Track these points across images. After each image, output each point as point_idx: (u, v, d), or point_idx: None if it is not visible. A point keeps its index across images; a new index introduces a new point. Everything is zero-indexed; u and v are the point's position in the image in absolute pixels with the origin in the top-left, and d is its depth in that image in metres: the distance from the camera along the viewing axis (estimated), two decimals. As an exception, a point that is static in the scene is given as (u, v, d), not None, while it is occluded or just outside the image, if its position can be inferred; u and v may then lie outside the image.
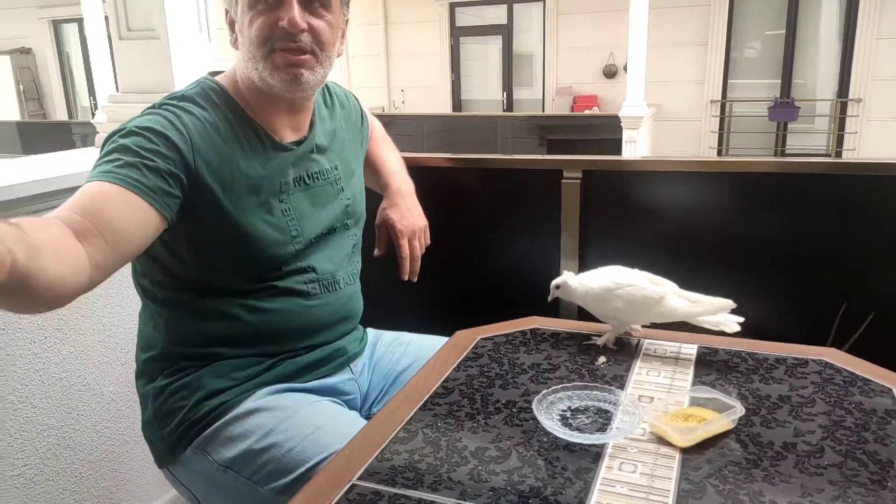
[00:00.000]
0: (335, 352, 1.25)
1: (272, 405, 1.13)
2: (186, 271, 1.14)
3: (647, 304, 1.14)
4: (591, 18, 9.88)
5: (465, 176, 1.88)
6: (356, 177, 1.35)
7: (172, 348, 1.17)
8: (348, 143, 1.34)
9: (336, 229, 1.26)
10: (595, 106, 10.01)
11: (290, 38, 1.09)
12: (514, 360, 1.13)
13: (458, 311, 1.78)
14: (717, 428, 0.90)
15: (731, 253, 1.66)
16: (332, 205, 1.25)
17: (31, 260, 0.77)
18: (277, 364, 1.19)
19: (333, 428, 1.10)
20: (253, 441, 1.09)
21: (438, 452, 0.88)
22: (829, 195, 1.61)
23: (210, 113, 1.12)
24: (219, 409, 1.13)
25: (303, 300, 1.20)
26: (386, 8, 11.09)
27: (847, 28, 8.86)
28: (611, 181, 1.72)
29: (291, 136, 1.21)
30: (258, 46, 1.10)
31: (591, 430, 0.92)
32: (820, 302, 1.63)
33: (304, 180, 1.21)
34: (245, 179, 1.12)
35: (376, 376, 1.33)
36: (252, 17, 1.10)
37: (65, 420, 1.58)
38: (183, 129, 1.07)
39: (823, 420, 0.93)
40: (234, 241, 1.12)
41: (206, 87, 1.16)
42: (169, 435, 1.15)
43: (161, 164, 1.03)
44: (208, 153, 1.09)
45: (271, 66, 1.11)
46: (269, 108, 1.18)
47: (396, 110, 11.13)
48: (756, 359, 1.11)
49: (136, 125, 1.06)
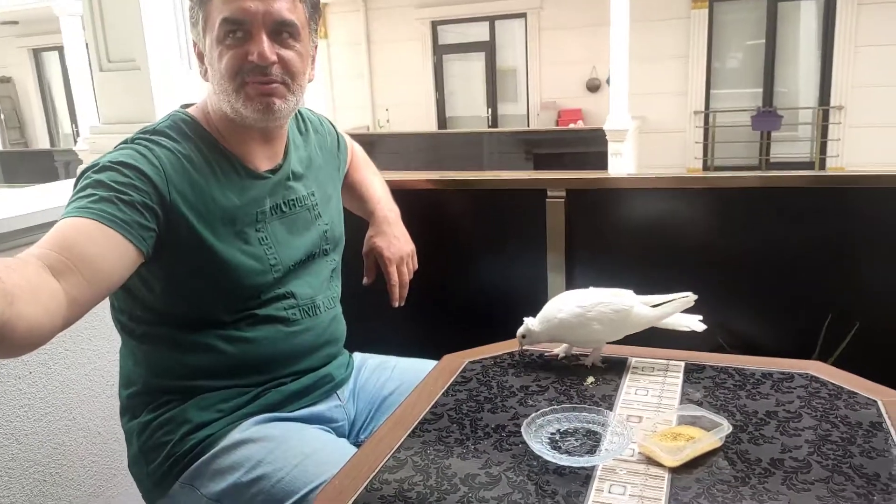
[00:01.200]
0: (321, 379, 1.25)
1: (259, 435, 1.12)
2: (164, 305, 1.13)
3: (620, 318, 1.14)
4: (573, 33, 9.97)
5: (450, 197, 1.89)
6: (333, 201, 1.35)
7: (154, 382, 1.16)
8: (324, 169, 1.34)
9: (315, 255, 1.26)
10: (580, 119, 10.09)
11: (261, 70, 1.10)
12: (503, 382, 1.13)
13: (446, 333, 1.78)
14: (705, 446, 0.90)
15: (716, 267, 1.67)
16: (309, 231, 1.25)
17: (9, 308, 0.77)
18: (263, 394, 1.18)
19: (322, 457, 1.09)
20: (241, 473, 1.08)
21: (428, 480, 0.88)
22: (812, 208, 1.63)
23: (183, 145, 1.12)
24: (205, 442, 1.12)
25: (284, 327, 1.19)
26: (368, 27, 11.16)
27: (826, 36, 8.99)
28: (595, 199, 1.73)
29: (266, 165, 1.21)
30: (229, 79, 1.11)
31: (580, 452, 0.92)
32: (805, 314, 1.64)
33: (281, 208, 1.21)
34: (220, 210, 1.12)
35: (362, 401, 1.32)
36: (221, 50, 1.10)
37: (51, 455, 1.56)
38: (157, 162, 1.07)
39: (810, 435, 0.94)
40: (212, 272, 1.11)
41: (177, 120, 1.16)
42: (155, 470, 1.14)
43: (136, 197, 1.02)
44: (183, 185, 1.09)
45: (244, 97, 1.11)
46: (243, 138, 1.18)
47: (381, 129, 11.17)
48: (743, 374, 1.12)
49: (109, 160, 1.05)
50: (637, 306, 1.15)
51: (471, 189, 1.89)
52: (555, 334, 1.17)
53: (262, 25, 1.09)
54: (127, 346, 1.20)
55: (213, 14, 1.10)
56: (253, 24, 1.08)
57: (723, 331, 1.54)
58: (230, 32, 1.09)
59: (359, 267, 1.41)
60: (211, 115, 1.18)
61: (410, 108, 11.10)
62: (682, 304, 1.15)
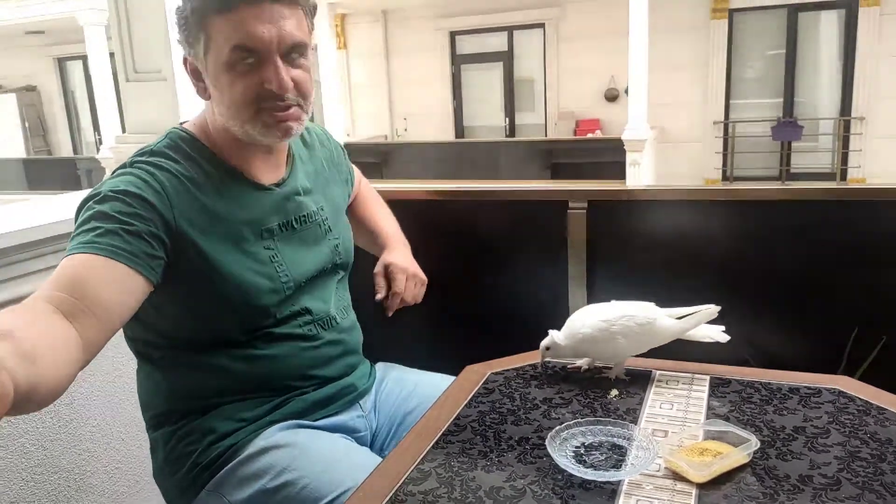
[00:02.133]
0: (343, 388, 1.25)
1: (283, 442, 1.13)
2: (178, 329, 1.13)
3: (644, 332, 1.13)
4: (591, 43, 9.96)
5: (471, 207, 1.89)
6: (342, 216, 1.34)
7: (174, 402, 1.17)
8: (332, 183, 1.33)
9: (325, 271, 1.24)
10: (598, 129, 10.06)
11: (278, 97, 1.07)
12: (526, 394, 1.13)
13: (466, 344, 1.78)
14: (732, 462, 0.89)
15: (739, 280, 1.66)
16: (320, 247, 1.23)
17: (31, 372, 0.75)
18: (285, 402, 1.18)
19: (346, 464, 1.09)
20: (267, 480, 1.08)
21: (452, 493, 0.88)
22: (837, 221, 1.62)
23: (183, 164, 1.10)
24: (230, 451, 1.13)
25: (302, 342, 1.18)
26: (387, 38, 11.22)
27: (847, 46, 8.90)
28: (617, 210, 1.73)
29: (270, 177, 1.19)
30: (243, 108, 1.07)
31: (605, 466, 0.91)
32: (830, 328, 1.62)
33: (292, 224, 1.19)
34: (227, 227, 1.11)
35: (383, 415, 1.32)
36: (232, 78, 1.06)
37: (76, 462, 1.57)
38: (159, 188, 1.05)
39: (839, 451, 0.93)
40: (223, 292, 1.10)
41: (175, 139, 1.14)
42: (181, 479, 1.14)
43: (141, 226, 1.01)
44: (187, 208, 1.07)
45: (261, 125, 1.09)
46: (245, 153, 1.15)
47: (399, 138, 11.21)
48: (769, 389, 1.11)
49: (110, 189, 1.03)
50: (661, 319, 1.15)
51: (492, 199, 1.89)
52: (578, 349, 1.16)
53: (275, 51, 1.05)
54: (143, 370, 1.20)
55: (218, 37, 1.05)
56: (267, 51, 1.05)
57: (747, 344, 1.52)
58: (242, 59, 1.05)
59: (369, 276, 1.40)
60: (211, 130, 1.15)
61: (428, 117, 11.13)
62: (705, 315, 1.14)
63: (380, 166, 9.83)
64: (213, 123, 1.15)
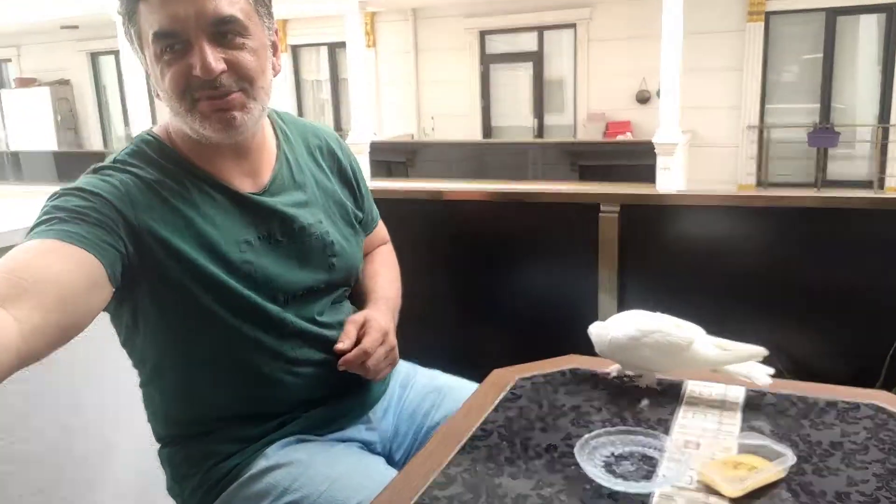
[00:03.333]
0: (349, 407, 1.18)
1: (285, 461, 1.08)
2: (163, 355, 1.07)
3: (675, 351, 1.09)
4: (622, 44, 9.87)
5: (501, 209, 1.87)
6: (349, 229, 1.21)
7: (174, 429, 1.13)
8: (339, 195, 1.21)
9: (320, 289, 1.14)
10: (628, 132, 9.97)
11: (209, 84, 0.97)
12: (554, 401, 1.11)
13: (493, 347, 1.76)
14: (767, 477, 0.87)
15: (774, 290, 1.62)
16: (314, 262, 1.13)
17: None
18: (288, 421, 1.13)
19: (350, 481, 1.05)
20: (271, 500, 1.04)
21: (478, 499, 0.86)
22: (875, 230, 1.58)
23: (148, 170, 1.01)
24: (233, 472, 1.09)
25: (293, 365, 1.10)
26: (416, 36, 11.23)
27: (887, 51, 8.72)
28: (650, 215, 1.70)
29: (248, 184, 1.09)
30: (178, 99, 0.98)
31: (636, 477, 0.89)
32: (868, 341, 1.58)
33: (276, 237, 1.08)
34: (201, 235, 1.01)
35: (404, 421, 1.26)
36: (162, 68, 0.98)
37: (102, 453, 1.59)
38: (120, 186, 0.97)
39: (878, 468, 0.90)
40: (201, 309, 1.01)
41: (140, 144, 1.05)
42: (189, 499, 1.13)
43: (98, 217, 0.92)
44: (152, 206, 0.98)
45: (199, 116, 0.99)
46: (213, 157, 1.06)
47: (426, 137, 11.22)
48: (806, 402, 1.08)
49: (67, 187, 0.96)
50: (699, 344, 1.09)
51: (522, 201, 1.87)
52: (605, 350, 1.14)
53: (198, 31, 0.95)
54: (144, 392, 1.15)
55: (145, 28, 0.97)
56: (187, 31, 0.95)
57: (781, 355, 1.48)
58: (167, 47, 0.96)
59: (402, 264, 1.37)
60: (173, 134, 1.06)
61: (456, 117, 11.13)
62: (750, 354, 1.08)
63: (405, 165, 9.84)
64: (173, 128, 1.06)
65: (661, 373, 1.14)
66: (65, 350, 1.49)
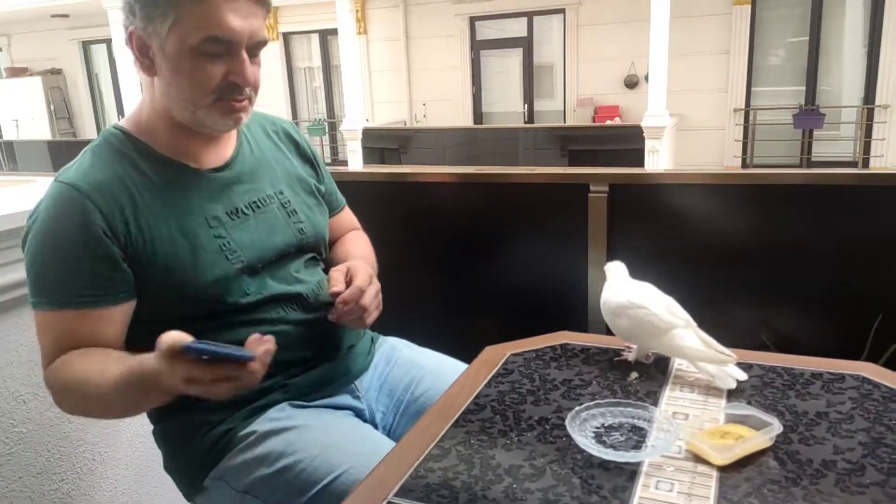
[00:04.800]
0: (335, 371, 1.22)
1: (280, 427, 1.11)
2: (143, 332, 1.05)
3: (651, 332, 1.10)
4: (611, 29, 9.87)
5: (491, 190, 1.88)
6: (311, 199, 1.29)
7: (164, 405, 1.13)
8: (300, 171, 1.29)
9: (290, 253, 1.21)
10: (617, 116, 9.99)
11: (238, 90, 1.08)
12: (545, 375, 1.13)
13: (486, 326, 1.78)
14: (754, 445, 0.89)
15: (761, 265, 1.64)
16: (280, 230, 1.20)
17: None
18: (275, 388, 1.16)
19: (343, 446, 1.09)
20: (265, 466, 1.08)
21: (472, 470, 0.88)
22: (860, 206, 1.59)
23: (112, 165, 1.09)
24: (225, 438, 1.12)
25: (272, 326, 1.14)
26: (407, 23, 11.18)
27: (872, 33, 8.75)
28: (638, 194, 1.71)
29: (211, 160, 1.17)
30: (203, 95, 1.07)
31: (625, 447, 0.91)
32: (854, 314, 1.60)
33: (242, 211, 1.16)
34: (171, 217, 1.09)
35: (385, 395, 1.29)
36: (197, 64, 1.04)
37: (100, 436, 1.60)
38: (89, 204, 1.04)
39: (863, 437, 0.92)
40: (177, 282, 1.08)
41: (106, 137, 1.13)
42: (186, 470, 1.16)
43: (98, 255, 1.04)
44: (123, 209, 1.06)
45: (217, 112, 1.09)
46: (182, 138, 1.14)
47: (418, 124, 11.19)
48: (791, 374, 1.10)
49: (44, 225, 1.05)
50: (679, 332, 1.09)
51: (512, 182, 1.88)
52: (602, 309, 1.16)
53: (243, 45, 1.06)
54: None
55: (189, 21, 1.02)
56: (239, 44, 1.05)
57: (768, 330, 1.51)
58: (211, 48, 1.04)
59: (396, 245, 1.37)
60: (143, 117, 1.14)
61: (447, 103, 11.10)
62: (724, 358, 1.07)
63: (398, 152, 9.83)
64: (150, 106, 1.13)
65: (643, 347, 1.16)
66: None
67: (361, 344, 1.30)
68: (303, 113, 12.37)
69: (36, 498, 1.46)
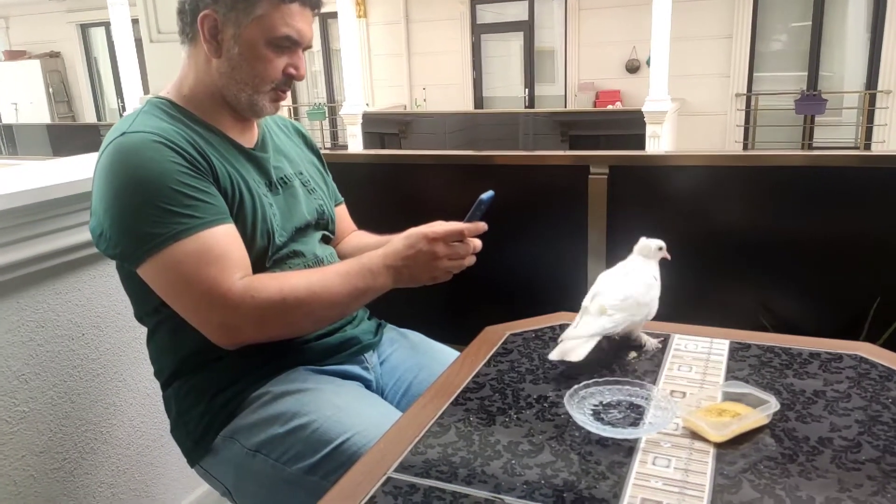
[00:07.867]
0: (347, 339, 1.28)
1: (293, 388, 1.16)
2: None
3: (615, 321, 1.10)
4: (613, 13, 9.81)
5: (492, 172, 1.88)
6: (323, 184, 1.39)
7: (182, 363, 1.21)
8: (309, 163, 1.39)
9: (310, 225, 1.30)
10: (618, 101, 9.94)
11: (290, 83, 1.22)
12: (544, 355, 1.14)
13: (486, 308, 1.78)
14: (751, 423, 0.89)
15: (762, 247, 1.64)
16: (305, 203, 1.30)
17: None
18: (289, 351, 1.21)
19: (355, 409, 1.13)
20: (278, 425, 1.11)
21: (472, 446, 0.89)
22: (861, 188, 1.60)
23: (169, 122, 1.15)
24: (239, 398, 1.16)
25: None
26: (407, 7, 11.11)
27: (875, 18, 8.70)
28: (639, 176, 1.71)
29: (245, 140, 1.26)
30: (266, 82, 1.19)
31: (623, 424, 0.92)
32: (853, 296, 1.61)
33: (276, 185, 1.26)
34: (233, 175, 1.17)
35: (390, 376, 1.34)
36: (271, 55, 1.17)
37: (102, 415, 1.61)
38: (171, 145, 1.10)
39: (860, 415, 0.92)
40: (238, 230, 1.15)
41: (154, 104, 1.19)
42: (195, 430, 1.18)
43: (200, 182, 1.10)
44: (199, 153, 1.13)
45: (268, 99, 1.21)
46: (222, 116, 1.22)
47: (418, 108, 11.15)
48: (789, 354, 1.11)
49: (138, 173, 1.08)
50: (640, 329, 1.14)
51: (513, 164, 1.88)
52: None
53: (303, 46, 1.21)
54: (151, 338, 1.26)
55: (273, 16, 1.14)
56: (301, 45, 1.20)
57: (766, 311, 1.52)
58: (283, 44, 1.17)
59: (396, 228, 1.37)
60: (187, 92, 1.21)
61: (447, 87, 11.06)
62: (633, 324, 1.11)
63: (399, 137, 9.80)
64: (194, 81, 1.20)
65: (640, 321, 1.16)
66: (63, 312, 1.51)
67: (367, 323, 1.36)
68: (302, 97, 12.33)
69: (38, 476, 1.47)
